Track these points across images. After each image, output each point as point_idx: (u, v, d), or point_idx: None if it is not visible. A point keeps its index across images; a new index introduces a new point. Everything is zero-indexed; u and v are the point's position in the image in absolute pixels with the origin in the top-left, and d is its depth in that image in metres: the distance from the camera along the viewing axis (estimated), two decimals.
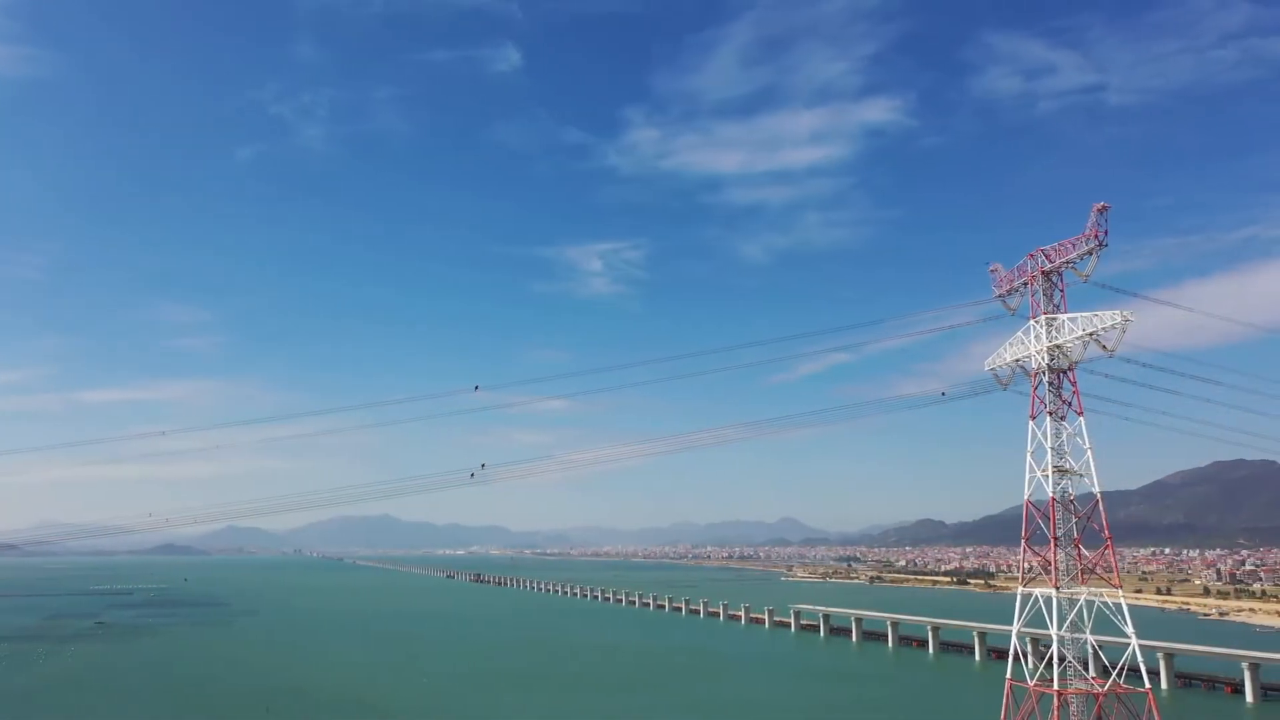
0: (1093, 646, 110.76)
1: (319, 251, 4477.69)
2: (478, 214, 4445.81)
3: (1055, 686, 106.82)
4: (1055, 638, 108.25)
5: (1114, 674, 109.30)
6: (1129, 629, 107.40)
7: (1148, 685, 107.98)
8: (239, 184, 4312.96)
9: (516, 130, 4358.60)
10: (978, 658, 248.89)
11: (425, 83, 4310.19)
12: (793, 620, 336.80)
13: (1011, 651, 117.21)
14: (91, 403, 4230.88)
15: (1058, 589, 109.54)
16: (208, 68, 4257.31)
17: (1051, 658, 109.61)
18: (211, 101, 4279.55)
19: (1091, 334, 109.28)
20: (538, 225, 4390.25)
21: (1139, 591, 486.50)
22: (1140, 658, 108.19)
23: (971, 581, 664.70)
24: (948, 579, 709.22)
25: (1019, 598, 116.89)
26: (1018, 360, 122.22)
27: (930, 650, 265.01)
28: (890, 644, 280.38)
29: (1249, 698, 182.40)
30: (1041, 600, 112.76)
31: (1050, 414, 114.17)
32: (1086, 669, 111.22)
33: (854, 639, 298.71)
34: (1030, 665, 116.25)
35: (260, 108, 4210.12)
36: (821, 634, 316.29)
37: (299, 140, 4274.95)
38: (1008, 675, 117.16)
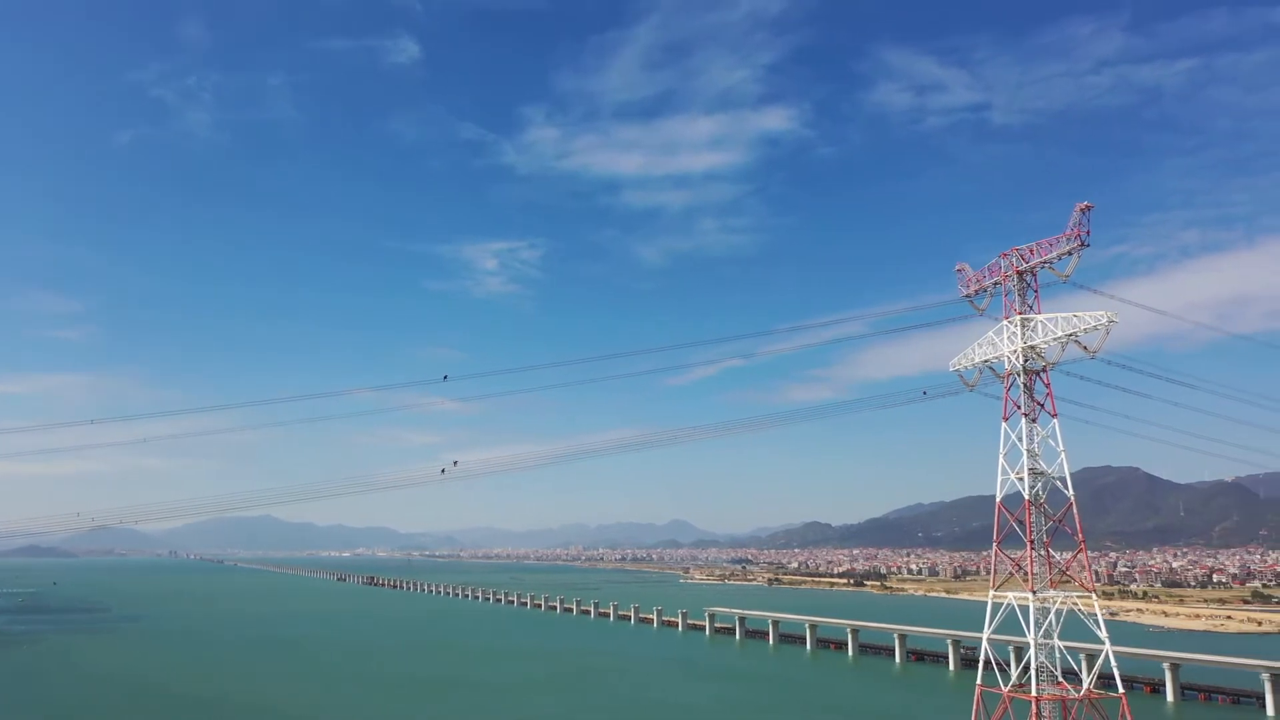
0: (1061, 651, 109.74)
1: (201, 241, 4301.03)
2: (370, 208, 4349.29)
3: (1033, 693, 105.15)
4: (1033, 643, 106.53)
5: (1088, 680, 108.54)
6: (1103, 633, 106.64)
7: (1122, 690, 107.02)
8: (117, 169, 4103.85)
9: (412, 124, 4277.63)
10: (898, 660, 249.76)
11: (319, 71, 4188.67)
12: (707, 623, 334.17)
13: (982, 658, 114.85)
14: None
15: (1034, 593, 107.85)
16: (83, 45, 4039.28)
17: (1024, 663, 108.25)
18: (87, 81, 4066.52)
19: (1072, 335, 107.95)
20: (432, 221, 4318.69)
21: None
22: (1114, 663, 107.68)
23: (868, 583, 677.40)
24: (844, 581, 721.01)
25: (990, 603, 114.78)
26: (986, 361, 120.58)
27: (850, 653, 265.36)
28: (808, 646, 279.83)
29: (1169, 697, 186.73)
30: (1016, 605, 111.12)
31: (1025, 415, 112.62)
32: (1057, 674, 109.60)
33: (771, 641, 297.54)
34: (954, 668, 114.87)
35: (141, 90, 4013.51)
36: (737, 637, 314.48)
37: (183, 125, 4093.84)
38: (978, 681, 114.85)
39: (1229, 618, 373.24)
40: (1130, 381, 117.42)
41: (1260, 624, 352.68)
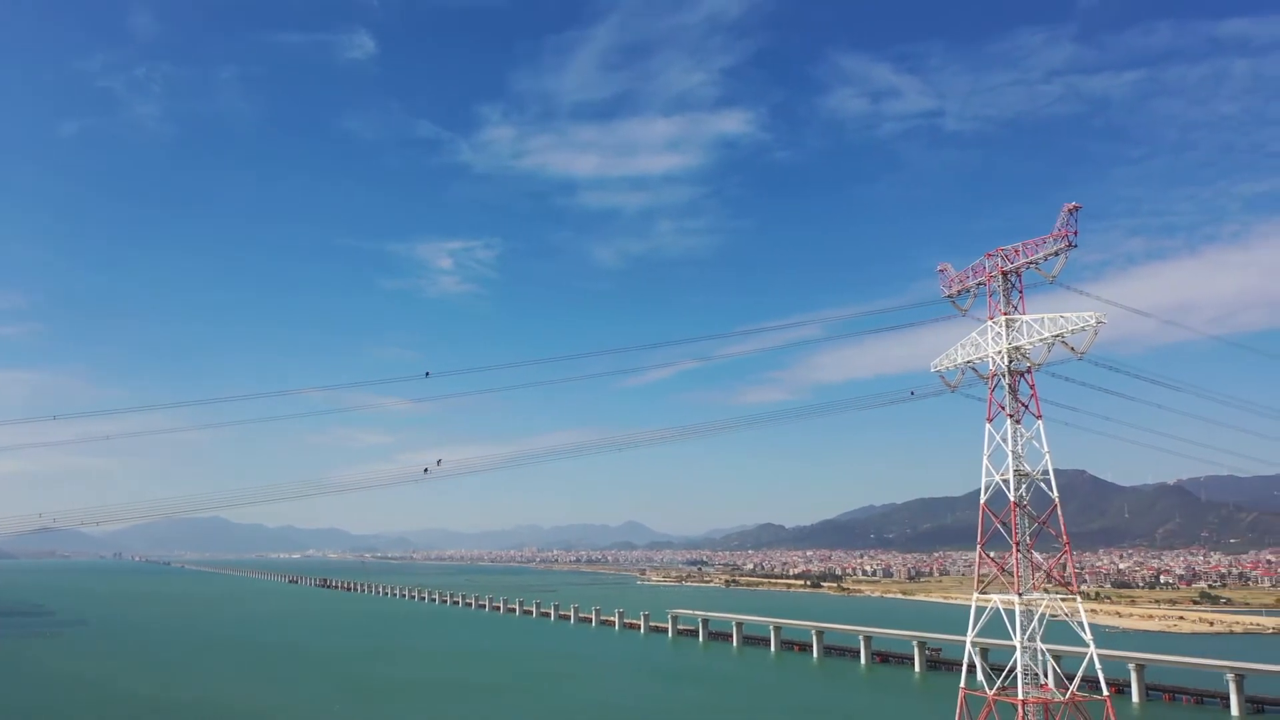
0: (1043, 654, 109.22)
1: (148, 237, 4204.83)
2: (322, 205, 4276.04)
3: (1019, 695, 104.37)
4: (1019, 646, 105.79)
5: (1072, 683, 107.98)
6: (1087, 636, 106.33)
7: (1106, 693, 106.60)
8: (62, 160, 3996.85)
9: (367, 120, 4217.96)
10: (863, 662, 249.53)
11: (272, 64, 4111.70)
12: (670, 625, 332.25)
13: (966, 660, 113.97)
14: None
15: (1020, 595, 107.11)
16: (25, 31, 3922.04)
17: (1010, 665, 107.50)
18: (30, 69, 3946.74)
19: (1058, 335, 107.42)
20: (386, 220, 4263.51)
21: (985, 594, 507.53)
22: (1099, 665, 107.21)
23: (825, 585, 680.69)
24: (801, 582, 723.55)
25: (974, 606, 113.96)
26: (969, 362, 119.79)
27: (814, 655, 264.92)
28: (772, 648, 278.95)
29: (1134, 698, 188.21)
30: (1001, 608, 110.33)
31: (1010, 417, 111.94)
32: (1039, 677, 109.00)
33: (735, 643, 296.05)
34: (919, 670, 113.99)
35: (87, 80, 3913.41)
36: (700, 639, 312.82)
37: (130, 117, 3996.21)
38: (961, 684, 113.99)
39: (1181, 618, 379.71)
40: (1112, 383, 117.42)
41: (1212, 624, 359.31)
